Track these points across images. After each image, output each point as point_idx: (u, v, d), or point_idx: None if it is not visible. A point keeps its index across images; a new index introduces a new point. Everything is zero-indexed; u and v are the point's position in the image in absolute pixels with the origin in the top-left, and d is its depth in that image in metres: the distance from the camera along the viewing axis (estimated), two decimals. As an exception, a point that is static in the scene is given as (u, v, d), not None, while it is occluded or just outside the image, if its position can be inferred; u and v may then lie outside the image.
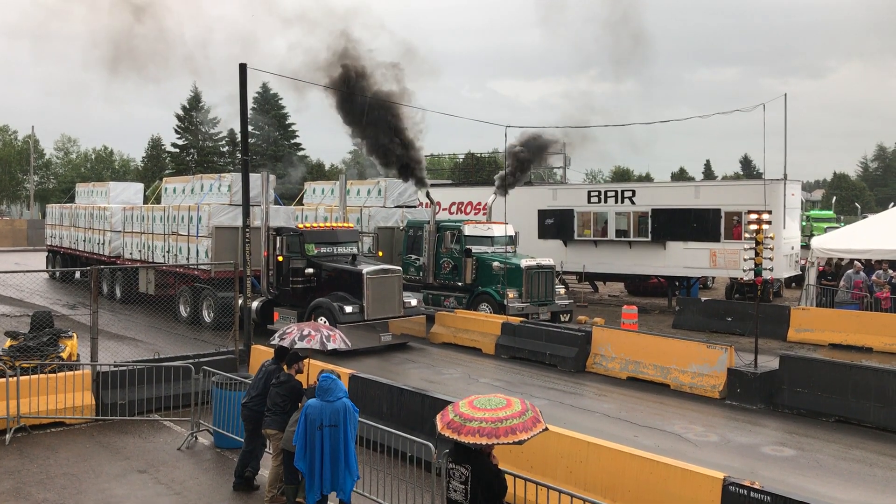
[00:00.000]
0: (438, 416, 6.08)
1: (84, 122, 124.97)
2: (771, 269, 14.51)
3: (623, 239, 26.12)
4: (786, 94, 24.10)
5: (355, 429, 7.82)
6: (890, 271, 20.86)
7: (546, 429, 6.03)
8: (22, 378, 11.39)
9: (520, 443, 5.80)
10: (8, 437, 11.06)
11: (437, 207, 23.28)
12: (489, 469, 6.11)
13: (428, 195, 22.78)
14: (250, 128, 24.34)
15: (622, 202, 26.23)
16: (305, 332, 9.20)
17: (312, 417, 7.65)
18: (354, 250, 19.83)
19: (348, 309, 17.57)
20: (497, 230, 22.39)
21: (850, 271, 21.31)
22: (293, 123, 70.27)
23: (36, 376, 11.76)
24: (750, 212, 14.45)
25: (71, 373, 12.13)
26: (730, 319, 21.00)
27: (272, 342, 9.52)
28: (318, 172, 62.89)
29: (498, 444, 5.75)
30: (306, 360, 9.24)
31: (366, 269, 18.11)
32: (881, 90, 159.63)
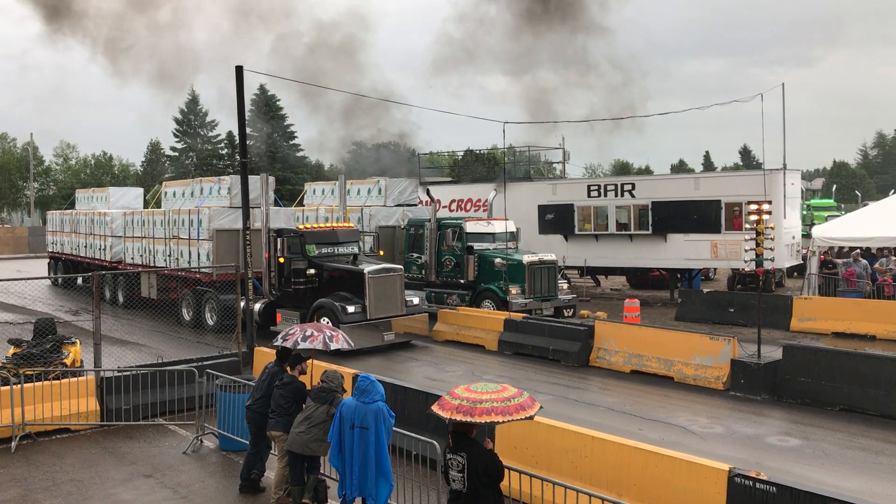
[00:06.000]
0: (436, 407, 6.06)
1: (82, 127, 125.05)
2: (772, 260, 14.47)
3: (624, 232, 26.10)
4: (783, 84, 24.09)
5: (389, 433, 7.57)
6: (893, 258, 20.83)
7: (541, 407, 6.15)
8: (26, 385, 11.41)
9: (530, 418, 5.92)
10: (14, 444, 11.07)
11: (438, 205, 23.26)
12: (484, 454, 6.14)
13: (428, 193, 22.77)
14: (248, 130, 24.26)
15: (622, 196, 26.19)
16: (308, 333, 9.19)
17: (346, 416, 7.51)
18: (356, 250, 19.83)
19: (351, 309, 17.58)
20: (498, 226, 22.38)
21: (845, 260, 21.29)
22: (292, 124, 70.20)
23: (40, 383, 11.76)
24: (750, 202, 14.43)
25: (75, 379, 12.15)
26: (732, 310, 20.97)
27: (275, 344, 9.53)
28: (317, 173, 62.72)
29: (511, 420, 5.83)
30: (309, 361, 9.26)
31: (367, 268, 18.12)
32: (870, 78, 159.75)
